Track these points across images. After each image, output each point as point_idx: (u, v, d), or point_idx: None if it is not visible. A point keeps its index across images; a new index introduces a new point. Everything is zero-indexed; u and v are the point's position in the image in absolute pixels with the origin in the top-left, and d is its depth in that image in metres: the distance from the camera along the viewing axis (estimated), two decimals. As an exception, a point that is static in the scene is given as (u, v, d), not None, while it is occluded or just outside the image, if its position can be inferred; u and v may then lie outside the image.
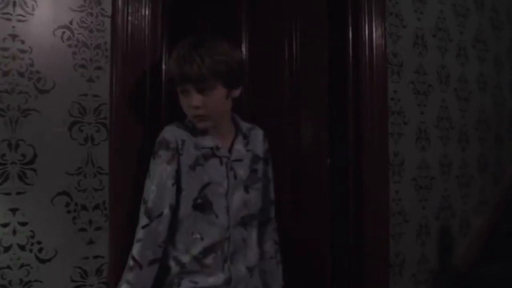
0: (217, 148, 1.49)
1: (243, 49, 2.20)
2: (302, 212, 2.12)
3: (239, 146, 1.54)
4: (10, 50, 1.39)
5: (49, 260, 1.43)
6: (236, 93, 1.49)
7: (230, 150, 1.52)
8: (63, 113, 1.47)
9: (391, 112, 2.17)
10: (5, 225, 1.38)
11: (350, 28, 2.12)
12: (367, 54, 2.10)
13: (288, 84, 2.16)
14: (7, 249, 1.37)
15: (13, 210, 1.39)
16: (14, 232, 1.39)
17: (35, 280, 1.41)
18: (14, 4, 1.40)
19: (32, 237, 1.41)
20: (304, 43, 2.16)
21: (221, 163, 1.49)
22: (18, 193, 1.39)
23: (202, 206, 1.45)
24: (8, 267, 1.37)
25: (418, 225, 2.27)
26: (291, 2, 2.16)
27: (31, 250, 1.41)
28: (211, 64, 1.38)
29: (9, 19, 1.39)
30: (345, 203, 2.10)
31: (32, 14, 1.43)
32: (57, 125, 1.45)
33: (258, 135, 1.60)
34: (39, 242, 1.42)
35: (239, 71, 1.46)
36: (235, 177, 1.51)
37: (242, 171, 1.53)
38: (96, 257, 1.50)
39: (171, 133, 1.45)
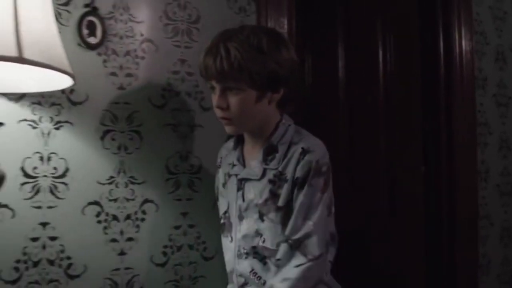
0: (234, 164, 1.39)
1: (340, 60, 2.41)
2: (398, 215, 2.32)
3: (254, 162, 1.33)
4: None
5: (78, 276, 1.47)
6: (275, 97, 1.29)
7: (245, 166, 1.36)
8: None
9: (477, 123, 2.37)
10: (34, 240, 1.42)
11: (442, 45, 2.32)
12: (457, 69, 2.30)
13: (382, 95, 2.37)
14: (36, 263, 1.42)
15: (43, 224, 1.44)
16: (44, 246, 1.44)
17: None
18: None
19: (63, 251, 1.45)
20: (397, 58, 2.37)
21: (235, 181, 1.37)
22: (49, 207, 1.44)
23: (224, 227, 1.42)
24: (36, 282, 1.42)
25: (501, 228, 2.47)
26: (385, 19, 2.36)
27: (60, 265, 1.45)
28: (237, 60, 1.20)
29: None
30: (438, 208, 2.30)
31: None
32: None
33: (295, 151, 1.27)
34: (68, 257, 1.46)
35: (278, 73, 1.25)
36: (243, 199, 1.34)
37: (252, 194, 1.32)
38: (127, 268, 1.53)
39: (222, 148, 1.50)
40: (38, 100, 1.44)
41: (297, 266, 1.21)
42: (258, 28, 1.35)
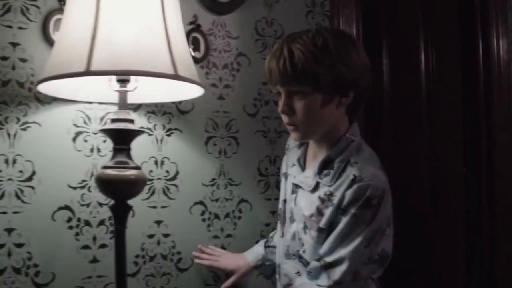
0: (293, 164, 1.37)
1: (384, 66, 2.58)
2: (440, 216, 2.51)
3: (309, 172, 1.29)
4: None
5: (186, 269, 1.64)
6: (344, 101, 1.22)
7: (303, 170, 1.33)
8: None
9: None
10: (151, 236, 1.59)
11: (481, 50, 2.51)
12: (496, 69, 2.49)
13: (425, 98, 2.55)
14: (152, 258, 1.59)
15: (158, 222, 1.61)
16: (158, 243, 1.61)
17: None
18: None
19: (174, 247, 1.62)
20: (439, 64, 2.55)
21: (291, 183, 1.36)
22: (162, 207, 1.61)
23: (279, 217, 1.41)
24: (152, 275, 1.59)
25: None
26: (426, 21, 2.54)
27: (171, 260, 1.62)
28: (300, 61, 1.15)
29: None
30: (479, 208, 2.49)
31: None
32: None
33: (348, 176, 1.20)
34: (178, 253, 1.63)
35: (346, 75, 1.18)
36: (295, 203, 1.32)
37: (303, 203, 1.28)
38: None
39: (291, 136, 1.38)
40: (153, 109, 1.61)
41: (319, 286, 1.19)
42: (325, 29, 1.25)
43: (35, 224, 1.44)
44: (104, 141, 1.53)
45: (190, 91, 1.43)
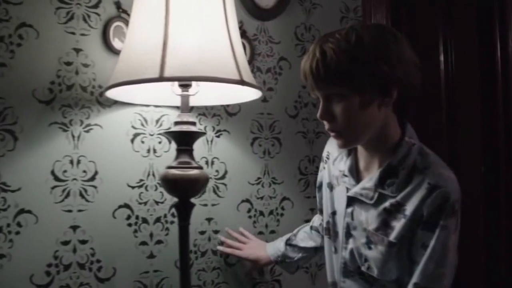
0: (344, 174, 1.27)
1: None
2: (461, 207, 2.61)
3: (369, 182, 1.19)
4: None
5: (234, 264, 1.73)
6: (387, 101, 1.12)
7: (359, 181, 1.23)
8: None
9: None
10: (202, 233, 1.69)
11: (499, 46, 2.61)
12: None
13: (444, 98, 2.65)
14: (203, 254, 1.68)
15: (208, 219, 1.70)
16: (209, 239, 1.70)
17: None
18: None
19: (222, 243, 1.70)
20: (457, 60, 2.64)
21: (347, 191, 1.26)
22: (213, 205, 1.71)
23: (329, 232, 1.33)
24: (203, 269, 1.71)
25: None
26: (445, 23, 2.63)
27: (220, 255, 1.71)
28: (333, 61, 1.08)
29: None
30: (497, 207, 2.60)
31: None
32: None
33: (420, 185, 1.12)
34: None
35: (386, 72, 1.09)
36: (352, 217, 1.23)
37: (363, 217, 1.20)
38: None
39: (331, 140, 1.37)
40: (203, 111, 1.69)
41: None
42: (362, 25, 1.17)
43: (97, 221, 1.53)
44: (160, 142, 1.62)
45: (246, 94, 1.52)
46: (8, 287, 1.40)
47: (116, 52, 1.55)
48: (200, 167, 1.43)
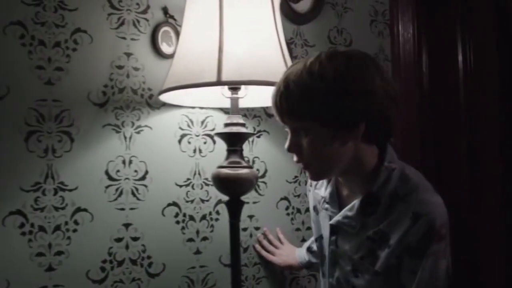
0: (325, 201, 1.25)
1: (424, 67, 2.75)
2: (479, 209, 2.70)
3: (349, 210, 1.16)
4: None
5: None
6: (355, 134, 1.07)
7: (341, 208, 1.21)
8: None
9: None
10: (244, 229, 1.73)
11: None
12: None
13: (463, 96, 2.72)
14: (245, 249, 1.76)
15: (250, 217, 1.78)
16: (251, 235, 1.77)
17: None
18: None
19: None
20: (476, 59, 2.72)
21: (329, 219, 1.24)
22: (254, 202, 1.78)
23: (318, 253, 1.35)
24: (245, 265, 1.83)
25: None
26: (463, 22, 2.71)
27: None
28: (295, 94, 1.05)
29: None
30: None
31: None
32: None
33: (403, 213, 1.08)
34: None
35: (348, 105, 1.03)
36: (337, 245, 1.21)
37: (347, 246, 1.18)
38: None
39: None
40: (244, 113, 1.77)
41: None
42: (329, 53, 1.09)
43: (148, 219, 1.60)
44: (205, 143, 1.69)
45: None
46: (66, 283, 1.47)
47: (164, 56, 1.62)
48: (250, 166, 1.50)
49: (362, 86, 1.05)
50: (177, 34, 1.65)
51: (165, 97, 1.53)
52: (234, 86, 1.50)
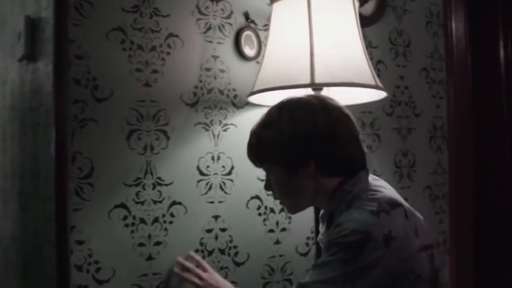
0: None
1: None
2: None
3: (322, 229, 1.38)
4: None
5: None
6: (306, 170, 1.21)
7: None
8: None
9: None
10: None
11: None
12: None
13: (504, 90, 2.83)
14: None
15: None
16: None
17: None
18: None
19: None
20: None
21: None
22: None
23: None
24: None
25: None
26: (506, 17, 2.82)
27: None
28: (253, 142, 1.28)
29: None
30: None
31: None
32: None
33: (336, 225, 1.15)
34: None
35: (289, 147, 1.20)
36: None
37: None
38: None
39: None
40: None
41: None
42: (281, 103, 1.27)
43: (234, 211, 1.74)
44: (283, 140, 1.83)
45: (364, 95, 1.72)
46: (164, 271, 1.61)
47: (247, 58, 1.76)
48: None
49: (305, 130, 1.20)
50: (258, 37, 1.78)
51: (251, 98, 1.66)
52: (317, 88, 1.64)
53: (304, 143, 1.20)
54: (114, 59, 1.57)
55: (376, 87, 1.56)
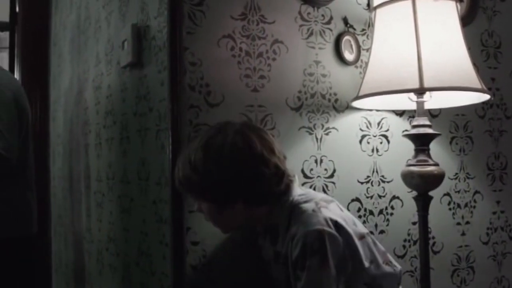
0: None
1: None
2: None
3: (267, 243, 1.50)
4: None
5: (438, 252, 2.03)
6: (236, 207, 1.36)
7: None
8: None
9: None
10: (413, 223, 2.11)
11: None
12: None
13: None
14: (415, 242, 2.12)
15: None
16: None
17: None
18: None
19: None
20: None
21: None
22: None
23: None
24: (415, 256, 2.13)
25: None
26: None
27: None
28: (183, 180, 1.36)
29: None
30: None
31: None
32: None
33: (290, 235, 1.34)
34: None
35: (215, 189, 1.33)
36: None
37: (277, 273, 1.48)
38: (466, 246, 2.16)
39: None
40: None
41: None
42: (205, 143, 1.36)
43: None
44: (381, 143, 1.92)
45: (469, 99, 1.80)
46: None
47: (347, 63, 1.86)
48: (436, 164, 1.72)
49: (232, 175, 1.31)
50: (357, 42, 1.88)
51: (356, 102, 1.76)
52: (421, 91, 1.72)
53: (232, 186, 1.32)
54: (225, 66, 1.69)
55: (482, 90, 1.64)
